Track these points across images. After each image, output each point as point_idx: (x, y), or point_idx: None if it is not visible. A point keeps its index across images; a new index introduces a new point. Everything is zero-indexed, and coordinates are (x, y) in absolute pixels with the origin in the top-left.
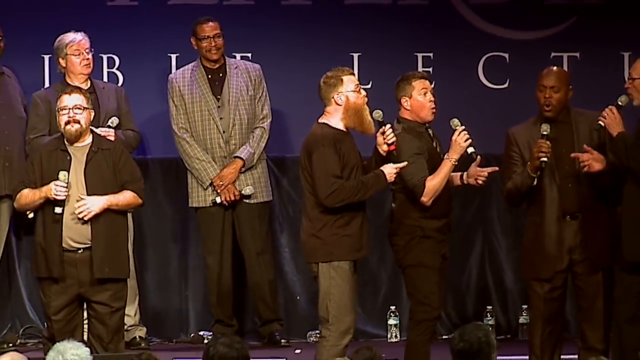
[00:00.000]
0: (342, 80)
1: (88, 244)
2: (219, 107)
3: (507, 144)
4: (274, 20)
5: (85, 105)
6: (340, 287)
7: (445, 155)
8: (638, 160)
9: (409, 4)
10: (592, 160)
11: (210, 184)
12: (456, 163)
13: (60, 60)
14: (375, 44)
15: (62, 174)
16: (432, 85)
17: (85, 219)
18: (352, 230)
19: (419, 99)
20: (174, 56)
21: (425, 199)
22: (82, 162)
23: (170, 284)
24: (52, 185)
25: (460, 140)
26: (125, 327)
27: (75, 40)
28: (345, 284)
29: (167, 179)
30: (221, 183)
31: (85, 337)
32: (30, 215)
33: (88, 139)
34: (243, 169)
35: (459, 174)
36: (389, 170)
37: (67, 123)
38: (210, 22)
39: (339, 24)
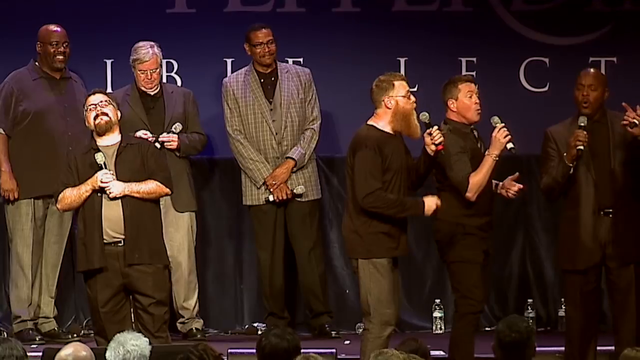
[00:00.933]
0: (393, 84)
1: (124, 235)
2: (271, 110)
3: (545, 141)
4: (325, 26)
5: (111, 102)
6: (379, 281)
7: (487, 152)
8: None
9: (453, 11)
10: (637, 121)
11: (264, 184)
12: (497, 159)
13: (131, 67)
14: (421, 49)
15: (99, 156)
16: (477, 88)
17: (111, 196)
18: (391, 229)
19: (465, 101)
20: (229, 60)
21: (470, 194)
22: (113, 158)
23: (226, 278)
24: (97, 174)
25: (500, 136)
26: (183, 319)
27: (144, 59)
28: (384, 279)
29: (223, 178)
30: (274, 182)
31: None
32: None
33: (117, 137)
34: (294, 169)
35: (495, 182)
36: (430, 203)
37: (96, 117)
38: (264, 29)
39: (386, 30)
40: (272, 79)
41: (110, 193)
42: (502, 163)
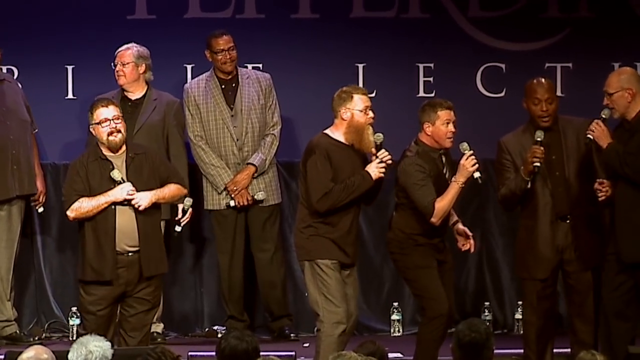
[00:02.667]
0: (352, 97)
1: (137, 246)
2: (232, 116)
3: (499, 152)
4: (284, 32)
5: (121, 115)
6: (325, 282)
7: (453, 178)
8: (632, 166)
9: (411, 17)
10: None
11: (225, 189)
12: (463, 185)
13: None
14: (379, 55)
15: (117, 173)
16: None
17: (140, 208)
18: (336, 234)
19: (441, 127)
20: (189, 67)
21: (435, 219)
22: (123, 168)
23: (186, 281)
24: (121, 188)
25: (468, 164)
26: None
27: (119, 51)
28: (330, 279)
29: None
30: (235, 188)
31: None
32: (40, 210)
33: (123, 147)
34: (255, 175)
35: (455, 218)
36: (373, 169)
37: (110, 134)
38: (225, 36)
39: (344, 36)
40: (233, 85)
41: (139, 206)
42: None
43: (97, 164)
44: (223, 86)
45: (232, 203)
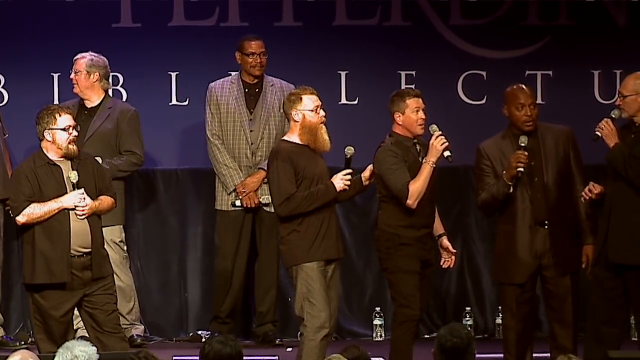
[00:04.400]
0: (301, 98)
1: (89, 248)
2: (250, 120)
3: (479, 158)
4: (267, 40)
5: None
6: (310, 286)
7: (424, 159)
8: (635, 170)
9: (393, 25)
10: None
11: (234, 190)
12: (434, 165)
13: None
14: (361, 62)
15: (74, 175)
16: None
17: (82, 217)
18: (312, 234)
19: (412, 116)
20: (173, 74)
21: (410, 201)
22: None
23: (171, 286)
24: (74, 195)
25: (437, 144)
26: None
27: (74, 59)
28: (315, 283)
29: (168, 188)
30: (244, 190)
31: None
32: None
33: None
34: (265, 180)
35: (442, 231)
36: (338, 181)
37: (71, 142)
38: (257, 40)
39: (327, 44)
40: (257, 90)
41: (82, 215)
42: (442, 175)
43: (46, 169)
44: (246, 90)
45: (237, 203)
